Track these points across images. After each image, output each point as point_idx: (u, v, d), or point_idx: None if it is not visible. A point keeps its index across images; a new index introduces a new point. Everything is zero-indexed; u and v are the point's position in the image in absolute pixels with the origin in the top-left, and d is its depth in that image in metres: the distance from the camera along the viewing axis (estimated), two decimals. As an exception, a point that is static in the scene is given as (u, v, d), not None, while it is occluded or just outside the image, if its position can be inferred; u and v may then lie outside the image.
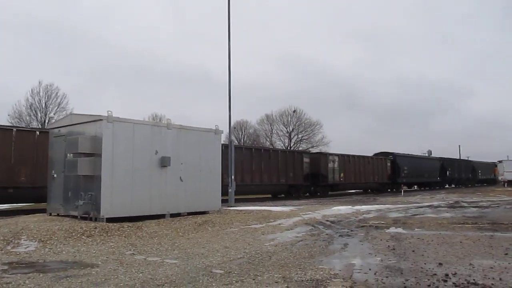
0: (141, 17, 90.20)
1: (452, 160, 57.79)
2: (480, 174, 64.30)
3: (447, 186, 55.24)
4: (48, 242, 8.88)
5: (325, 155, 35.44)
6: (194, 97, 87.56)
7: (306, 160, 32.63)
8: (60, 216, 12.59)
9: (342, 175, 35.13)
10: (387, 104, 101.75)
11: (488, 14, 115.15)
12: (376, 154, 44.63)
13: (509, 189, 46.48)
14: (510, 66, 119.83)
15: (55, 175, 13.04)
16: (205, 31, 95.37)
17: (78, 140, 11.65)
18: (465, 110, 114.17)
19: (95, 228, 10.30)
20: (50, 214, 13.01)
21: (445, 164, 53.56)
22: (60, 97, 45.61)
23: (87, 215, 11.65)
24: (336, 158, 35.05)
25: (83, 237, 9.50)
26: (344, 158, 36.20)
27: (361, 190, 41.38)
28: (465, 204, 20.88)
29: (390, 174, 42.33)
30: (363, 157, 40.26)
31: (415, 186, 50.58)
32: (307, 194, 33.24)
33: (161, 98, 79.78)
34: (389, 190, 42.43)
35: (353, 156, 38.53)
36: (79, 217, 11.85)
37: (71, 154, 12.18)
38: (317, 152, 42.45)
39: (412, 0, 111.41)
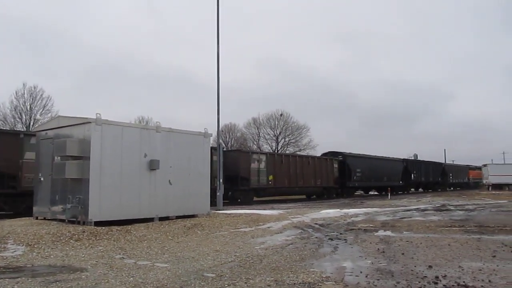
0: (117, 18, 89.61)
1: (418, 162, 52.85)
2: (451, 177, 59.75)
3: (412, 190, 51.01)
4: (35, 246, 8.76)
5: (247, 153, 29.60)
6: (175, 100, 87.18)
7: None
8: (47, 219, 12.45)
9: (271, 178, 29.15)
10: (372, 107, 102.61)
11: (468, 18, 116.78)
12: (324, 154, 39.91)
13: (494, 192, 47.11)
14: (491, 70, 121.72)
15: (42, 178, 12.89)
16: (183, 32, 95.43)
17: (66, 143, 11.54)
18: (450, 113, 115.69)
19: (83, 231, 10.20)
20: (37, 218, 12.85)
21: (410, 166, 48.31)
22: (45, 99, 45.22)
23: (75, 219, 11.53)
24: (263, 158, 29.28)
25: (71, 241, 9.39)
26: (274, 158, 30.67)
27: (304, 196, 34.87)
28: (452, 207, 21.10)
29: (337, 177, 36.28)
30: (302, 156, 35.66)
31: (374, 191, 45.60)
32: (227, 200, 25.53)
33: (141, 100, 79.37)
34: (335, 195, 36.48)
35: (287, 155, 34.17)
36: (66, 220, 11.72)
37: (59, 157, 12.06)
38: (235, 150, 36.64)
39: (393, 3, 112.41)
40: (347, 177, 36.91)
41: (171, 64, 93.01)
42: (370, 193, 45.10)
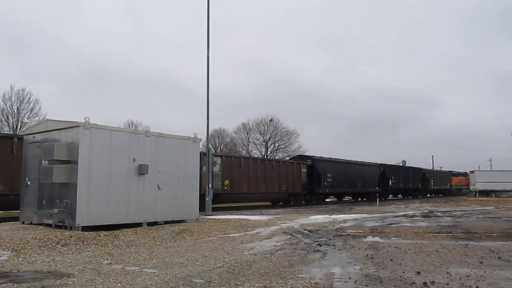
0: (97, 20, 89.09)
1: (397, 167, 50.30)
2: (432, 184, 57.68)
3: (391, 197, 48.71)
4: (21, 251, 8.64)
5: None
6: (160, 104, 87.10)
7: None
8: (33, 224, 12.32)
9: (226, 182, 26.81)
10: (359, 114, 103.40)
11: (455, 25, 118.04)
12: (292, 158, 39.43)
13: (481, 198, 47.67)
14: (478, 77, 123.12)
15: (29, 183, 12.76)
16: (166, 36, 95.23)
17: (53, 147, 11.44)
18: (437, 120, 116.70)
19: (71, 236, 10.09)
20: (23, 223, 12.72)
21: (387, 171, 45.72)
22: (32, 102, 44.83)
23: (62, 224, 11.42)
24: (218, 160, 26.44)
25: (58, 246, 9.28)
26: (231, 161, 28.04)
27: (270, 203, 33.15)
28: (440, 214, 21.25)
29: (306, 183, 33.72)
30: (264, 160, 33.70)
31: (349, 197, 44.10)
32: None
33: (126, 104, 79.05)
34: (304, 202, 34.44)
35: (247, 158, 31.70)
36: (53, 225, 11.60)
37: (46, 161, 11.95)
38: None
39: (379, 10, 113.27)
40: (316, 182, 34.46)
41: (155, 68, 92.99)
42: (344, 199, 43.39)
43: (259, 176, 29.26)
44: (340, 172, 37.26)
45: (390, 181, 45.68)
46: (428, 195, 57.68)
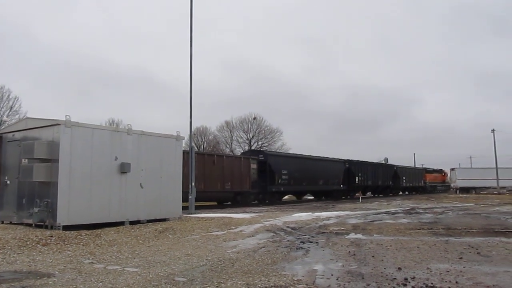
0: (69, 15, 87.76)
1: (365, 163, 45.88)
2: (404, 181, 54.42)
3: (358, 195, 43.49)
4: (0, 251, 8.50)
5: None
6: (138, 101, 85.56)
7: None
8: (13, 224, 12.13)
9: None
10: (340, 112, 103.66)
11: (434, 24, 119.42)
12: (243, 153, 36.19)
13: (461, 195, 48.47)
14: (458, 76, 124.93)
15: (8, 182, 12.56)
16: (141, 31, 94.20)
17: (34, 145, 11.28)
18: (419, 119, 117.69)
19: (51, 236, 9.97)
20: (2, 222, 12.52)
21: (353, 168, 42.33)
22: (12, 100, 44.05)
23: (42, 223, 11.27)
24: None
25: (38, 245, 9.16)
26: None
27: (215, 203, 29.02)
28: (421, 210, 21.53)
29: (256, 180, 29.88)
30: (203, 154, 28.80)
31: (311, 196, 41.23)
32: None
33: (103, 103, 77.81)
34: (257, 201, 30.84)
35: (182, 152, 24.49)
36: (33, 225, 11.44)
37: (26, 160, 11.77)
38: None
39: (356, 8, 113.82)
40: (269, 180, 30.74)
41: (131, 65, 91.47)
42: (304, 198, 40.79)
43: (197, 173, 23.64)
44: (298, 169, 33.69)
45: (357, 178, 42.66)
46: (400, 193, 55.44)
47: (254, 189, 29.82)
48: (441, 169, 69.33)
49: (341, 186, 40.11)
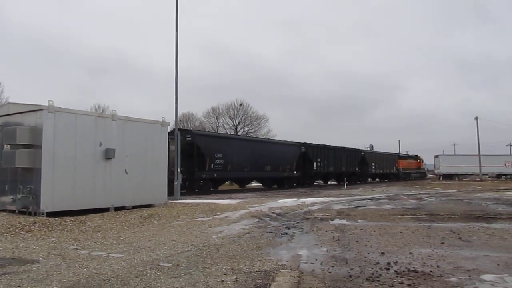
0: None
1: (325, 148, 40.22)
2: (374, 167, 50.22)
3: (317, 183, 41.25)
4: (-17, 237, 8.42)
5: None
6: (116, 85, 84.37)
7: None
8: (-4, 210, 11.98)
9: None
10: (323, 99, 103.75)
11: (418, 11, 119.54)
12: (169, 133, 26.98)
13: (445, 182, 49.19)
14: (442, 63, 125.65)
15: (-10, 168, 12.38)
16: (115, 12, 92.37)
17: (16, 131, 11.12)
18: (403, 106, 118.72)
19: (35, 222, 9.88)
20: (-15, 209, 12.34)
21: (311, 152, 37.29)
22: (-7, 85, 43.09)
23: (26, 209, 11.17)
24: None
25: (21, 232, 9.08)
26: None
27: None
28: (405, 197, 21.81)
29: (189, 166, 25.07)
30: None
31: (259, 183, 36.61)
32: None
33: (80, 87, 76.25)
34: (186, 190, 24.82)
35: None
36: (17, 211, 11.34)
37: (8, 146, 11.62)
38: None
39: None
40: (197, 165, 25.86)
41: (106, 46, 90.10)
42: (251, 185, 36.66)
43: None
44: (237, 152, 28.75)
45: (315, 163, 37.73)
46: (369, 180, 51.90)
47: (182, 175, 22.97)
48: (417, 155, 68.59)
49: (294, 172, 35.26)
